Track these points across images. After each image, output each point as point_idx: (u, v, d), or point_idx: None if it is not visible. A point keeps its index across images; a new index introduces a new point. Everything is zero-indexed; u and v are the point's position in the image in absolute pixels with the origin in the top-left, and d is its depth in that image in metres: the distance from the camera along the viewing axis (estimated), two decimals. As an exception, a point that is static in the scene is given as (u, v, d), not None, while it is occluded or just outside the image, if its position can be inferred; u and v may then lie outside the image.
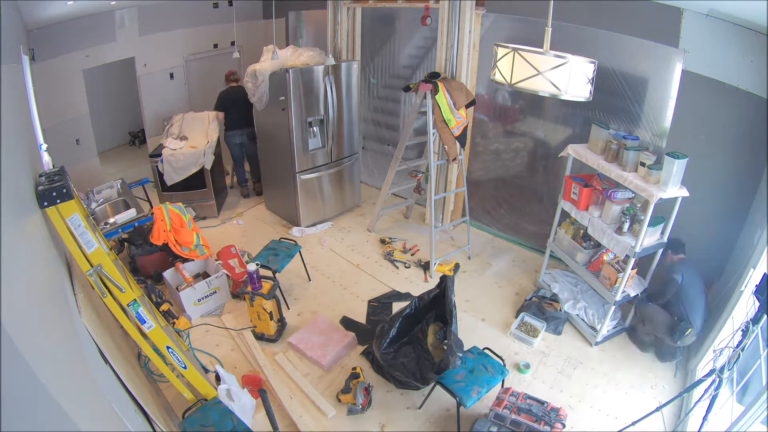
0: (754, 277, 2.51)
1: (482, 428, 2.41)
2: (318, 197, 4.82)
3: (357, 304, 3.75)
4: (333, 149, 4.72)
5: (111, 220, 3.75)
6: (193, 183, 4.75)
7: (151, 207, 4.33)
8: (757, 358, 2.23)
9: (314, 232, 4.77)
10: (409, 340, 3.01)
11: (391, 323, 2.91)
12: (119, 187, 4.24)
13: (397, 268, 4.22)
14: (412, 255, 4.38)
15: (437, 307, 2.99)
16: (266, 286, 3.27)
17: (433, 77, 3.92)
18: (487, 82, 4.28)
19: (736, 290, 2.68)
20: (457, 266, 4.17)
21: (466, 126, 4.02)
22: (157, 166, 4.64)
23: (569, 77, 1.87)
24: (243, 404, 2.58)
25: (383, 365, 2.90)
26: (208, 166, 4.72)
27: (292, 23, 5.77)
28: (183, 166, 4.64)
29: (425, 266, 4.20)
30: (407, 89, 4.12)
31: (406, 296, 3.81)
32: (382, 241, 4.57)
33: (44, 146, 3.57)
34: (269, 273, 3.49)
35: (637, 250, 2.93)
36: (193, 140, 4.85)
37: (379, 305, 3.73)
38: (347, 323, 3.54)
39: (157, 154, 4.69)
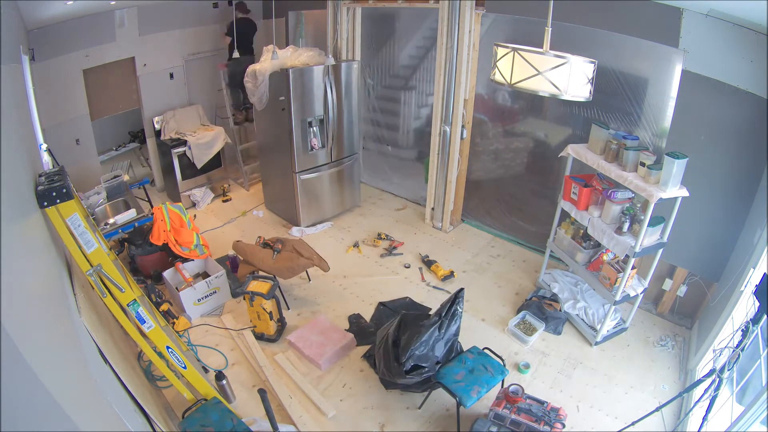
0: (754, 277, 2.51)
1: (482, 428, 2.41)
2: (318, 197, 4.82)
3: (357, 304, 3.75)
4: (333, 149, 4.72)
5: (111, 220, 3.76)
6: (208, 165, 5.42)
7: (152, 207, 4.33)
8: (757, 358, 2.23)
9: (314, 232, 4.78)
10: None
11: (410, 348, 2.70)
12: (106, 192, 4.25)
13: (392, 255, 4.38)
14: (394, 248, 4.43)
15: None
16: (266, 286, 3.27)
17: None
18: (487, 82, 4.27)
19: (736, 290, 2.68)
20: (452, 273, 4.11)
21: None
22: (185, 153, 5.13)
23: (569, 77, 1.87)
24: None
25: (399, 383, 2.87)
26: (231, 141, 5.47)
27: (292, 23, 5.77)
28: (210, 146, 5.27)
29: (427, 264, 4.21)
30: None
31: (420, 307, 3.69)
32: (378, 236, 4.63)
33: (44, 146, 3.57)
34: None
35: (637, 250, 2.93)
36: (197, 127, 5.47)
37: (389, 310, 3.65)
38: (355, 318, 3.56)
39: (176, 145, 5.07)
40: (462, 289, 2.75)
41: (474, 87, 4.30)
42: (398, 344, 2.74)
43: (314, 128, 4.49)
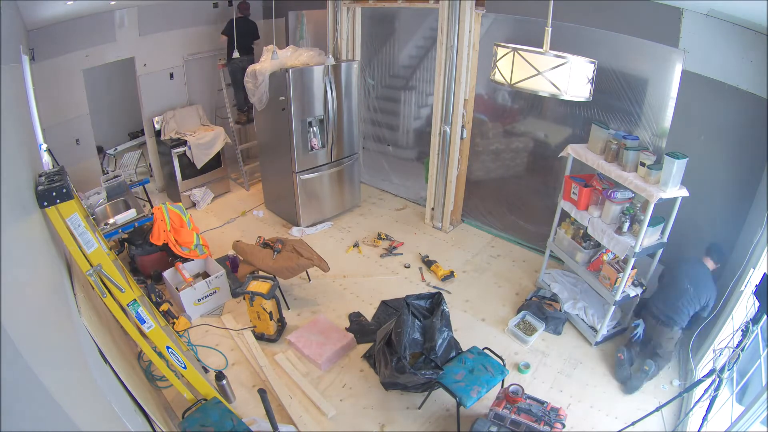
0: (754, 277, 2.51)
1: (482, 428, 2.41)
2: (318, 197, 4.82)
3: (357, 303, 3.75)
4: (333, 149, 4.72)
5: (111, 220, 3.76)
6: (208, 165, 5.38)
7: (152, 207, 4.33)
8: (757, 358, 2.23)
9: (314, 232, 4.77)
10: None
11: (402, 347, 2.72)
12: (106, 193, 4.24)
13: (391, 254, 4.38)
14: (394, 248, 4.44)
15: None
16: (266, 285, 3.27)
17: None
18: (487, 82, 4.27)
19: (736, 290, 2.68)
20: (452, 273, 4.10)
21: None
22: (185, 153, 5.10)
23: (569, 77, 1.87)
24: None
25: (400, 383, 2.88)
26: (231, 141, 5.46)
27: (292, 23, 5.77)
28: (210, 146, 5.24)
29: (427, 264, 4.21)
30: None
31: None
32: (378, 236, 4.63)
33: (44, 146, 3.57)
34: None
35: (637, 250, 2.92)
36: (197, 127, 5.46)
37: (392, 309, 3.64)
38: (356, 316, 3.56)
39: (176, 145, 5.04)
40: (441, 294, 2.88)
41: (474, 87, 4.30)
42: (392, 343, 2.75)
43: (314, 128, 4.49)
